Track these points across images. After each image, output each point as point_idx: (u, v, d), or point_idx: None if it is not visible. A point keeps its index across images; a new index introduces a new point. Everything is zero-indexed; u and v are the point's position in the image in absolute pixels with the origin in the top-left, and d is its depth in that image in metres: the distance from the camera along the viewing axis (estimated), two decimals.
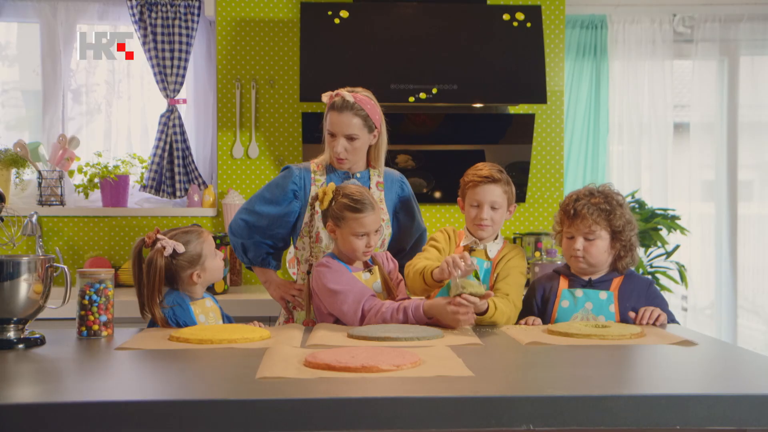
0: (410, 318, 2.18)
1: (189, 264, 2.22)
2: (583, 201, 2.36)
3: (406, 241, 2.76)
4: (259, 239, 2.67)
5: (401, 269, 2.57)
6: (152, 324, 2.22)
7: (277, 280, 2.74)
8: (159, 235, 2.21)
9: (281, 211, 2.63)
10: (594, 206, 2.34)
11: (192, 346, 1.88)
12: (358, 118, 2.56)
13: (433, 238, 2.55)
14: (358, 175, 2.67)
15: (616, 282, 2.38)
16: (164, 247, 2.18)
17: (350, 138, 2.57)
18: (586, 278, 2.39)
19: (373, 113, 2.60)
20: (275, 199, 2.64)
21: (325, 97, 2.62)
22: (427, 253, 2.48)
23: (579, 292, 2.36)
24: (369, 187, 2.64)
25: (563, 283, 2.42)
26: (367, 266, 2.40)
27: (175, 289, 2.24)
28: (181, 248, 2.19)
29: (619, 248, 2.37)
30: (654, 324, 2.25)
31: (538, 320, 2.36)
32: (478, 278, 2.19)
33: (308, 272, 2.58)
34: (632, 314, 2.30)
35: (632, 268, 2.44)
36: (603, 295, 2.35)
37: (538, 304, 2.44)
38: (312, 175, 2.65)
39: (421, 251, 2.55)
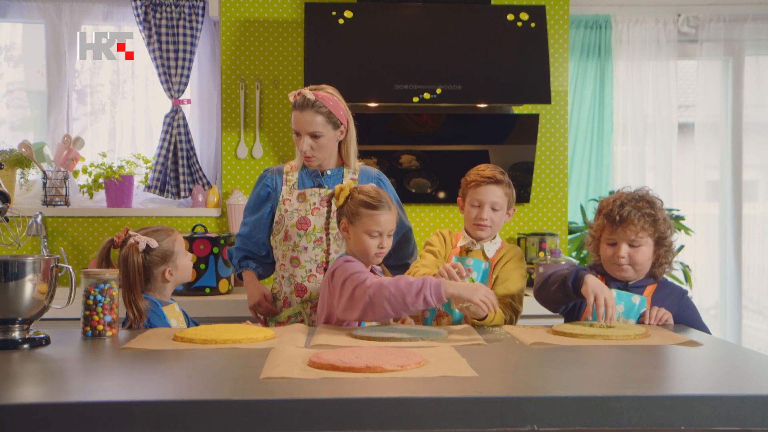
0: (428, 287, 2.04)
1: (161, 260, 2.23)
2: (628, 207, 2.28)
3: None
4: (242, 246, 2.77)
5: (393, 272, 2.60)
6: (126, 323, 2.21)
7: (252, 291, 2.73)
8: (131, 232, 2.22)
9: (259, 215, 2.73)
10: (639, 211, 2.27)
11: (196, 346, 1.88)
12: (320, 115, 2.59)
13: (428, 243, 2.56)
14: (329, 172, 2.68)
15: (650, 288, 2.34)
16: (137, 243, 2.19)
17: (314, 135, 2.60)
18: (622, 282, 2.34)
19: (336, 109, 2.61)
20: (254, 206, 2.75)
21: (291, 97, 2.65)
22: (424, 260, 2.49)
23: (612, 293, 2.28)
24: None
25: None
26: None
27: (146, 291, 2.24)
28: (154, 243, 2.22)
29: (660, 254, 2.31)
30: (658, 324, 2.24)
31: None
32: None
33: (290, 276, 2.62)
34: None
35: (666, 277, 2.39)
36: (636, 299, 2.30)
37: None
38: (284, 176, 2.72)
39: (418, 258, 2.55)
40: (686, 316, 2.32)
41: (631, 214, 2.27)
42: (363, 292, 2.09)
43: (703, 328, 2.33)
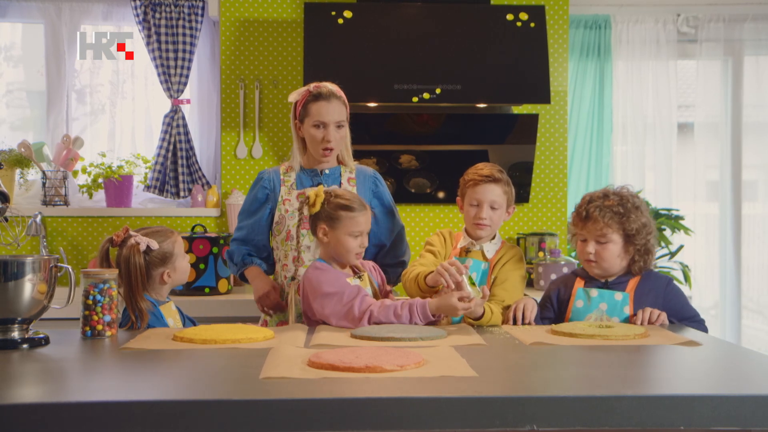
0: (416, 314, 2.18)
1: (161, 262, 2.23)
2: (596, 203, 2.32)
3: (385, 236, 2.72)
4: (242, 248, 2.74)
5: (385, 270, 2.60)
6: (124, 325, 2.20)
7: (261, 283, 2.70)
8: (131, 232, 2.22)
9: (257, 218, 2.71)
10: (607, 209, 2.30)
11: (196, 346, 1.88)
12: (343, 105, 2.63)
13: (428, 242, 2.56)
14: (327, 171, 2.68)
15: (633, 283, 2.34)
16: (138, 243, 2.18)
17: (340, 125, 2.62)
18: (602, 280, 2.36)
19: (346, 103, 2.67)
20: (251, 209, 2.72)
21: (296, 95, 2.65)
22: (423, 259, 2.49)
23: (594, 292, 2.32)
24: (340, 184, 2.66)
25: (579, 283, 2.38)
26: (357, 272, 2.38)
27: (143, 291, 2.23)
28: (155, 245, 2.21)
29: (633, 252, 2.32)
30: (653, 323, 2.24)
31: (532, 303, 2.33)
32: (473, 283, 2.20)
33: (292, 276, 2.61)
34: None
35: (651, 269, 2.40)
36: (618, 296, 2.31)
37: (554, 305, 2.41)
38: (281, 177, 2.70)
39: (417, 257, 2.56)
40: (674, 305, 2.32)
41: (596, 210, 2.31)
42: (358, 319, 2.17)
43: (692, 311, 2.34)
